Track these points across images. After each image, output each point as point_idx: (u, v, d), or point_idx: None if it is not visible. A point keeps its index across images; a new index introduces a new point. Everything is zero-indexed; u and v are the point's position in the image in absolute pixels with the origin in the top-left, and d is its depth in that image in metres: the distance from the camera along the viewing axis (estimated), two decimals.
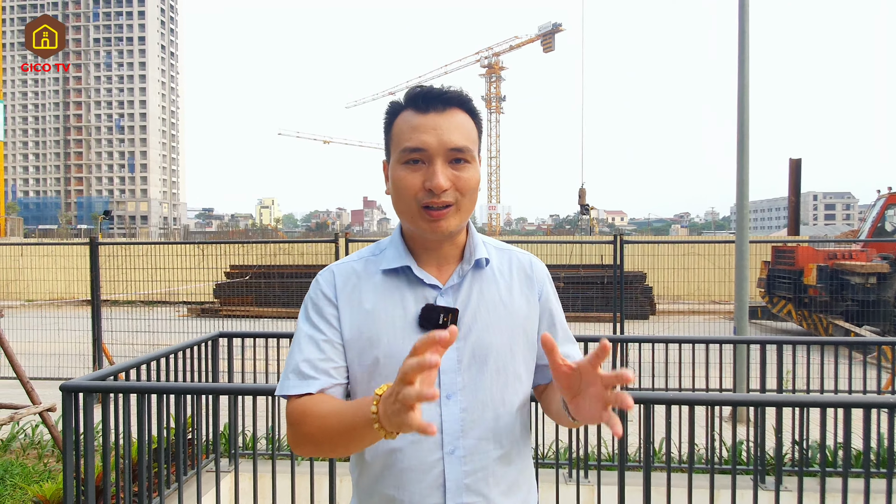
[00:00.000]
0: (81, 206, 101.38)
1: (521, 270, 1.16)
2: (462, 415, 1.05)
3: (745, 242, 5.30)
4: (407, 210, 1.06)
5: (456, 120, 1.05)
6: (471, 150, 1.05)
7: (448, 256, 1.11)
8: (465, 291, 1.10)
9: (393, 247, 1.13)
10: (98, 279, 5.96)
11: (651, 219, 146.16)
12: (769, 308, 10.92)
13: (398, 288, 1.09)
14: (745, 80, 5.30)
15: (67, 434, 2.40)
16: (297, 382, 1.05)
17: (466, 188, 1.05)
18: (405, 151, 1.04)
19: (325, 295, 1.11)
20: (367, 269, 1.12)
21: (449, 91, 1.06)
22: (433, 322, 1.05)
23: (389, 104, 1.10)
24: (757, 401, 2.13)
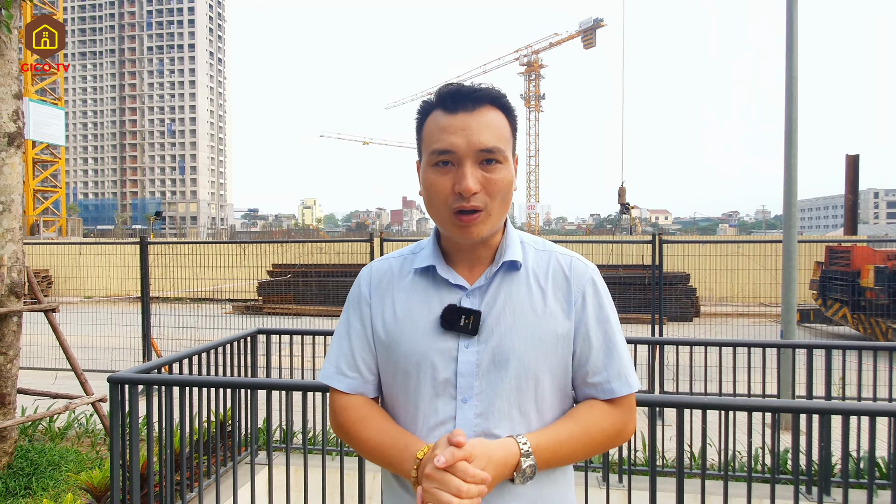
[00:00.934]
0: (136, 207, 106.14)
1: (560, 273, 1.09)
2: (476, 420, 1.03)
3: (793, 242, 5.07)
4: (438, 214, 1.05)
5: (486, 119, 1.01)
6: (502, 149, 1.01)
7: (481, 257, 1.09)
8: (491, 293, 1.06)
9: (428, 246, 1.13)
10: (147, 277, 6.22)
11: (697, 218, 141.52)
12: (822, 311, 10.40)
13: (426, 288, 1.09)
14: (794, 73, 5.07)
15: (114, 424, 2.52)
16: (334, 375, 1.12)
17: (496, 191, 1.01)
18: (434, 154, 1.02)
19: (361, 293, 1.15)
20: (403, 267, 1.14)
21: (479, 89, 1.02)
22: (454, 324, 1.03)
23: (421, 104, 1.09)
24: (797, 407, 2.04)
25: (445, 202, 1.02)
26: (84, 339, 7.06)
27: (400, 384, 1.07)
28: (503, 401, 1.03)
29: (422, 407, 1.05)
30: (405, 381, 1.06)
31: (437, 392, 1.04)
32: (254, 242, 8.37)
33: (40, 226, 28.88)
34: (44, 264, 12.96)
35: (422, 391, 1.04)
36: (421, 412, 1.05)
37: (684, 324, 11.14)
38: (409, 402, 1.06)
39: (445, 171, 1.02)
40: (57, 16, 31.09)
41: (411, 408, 1.06)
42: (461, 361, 1.03)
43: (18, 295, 3.69)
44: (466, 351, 1.04)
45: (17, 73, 3.74)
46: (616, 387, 1.06)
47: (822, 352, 3.35)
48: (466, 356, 1.03)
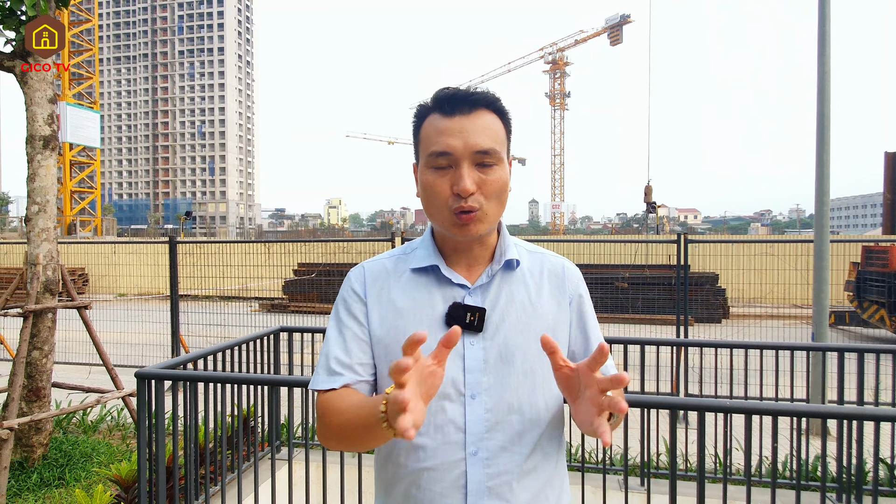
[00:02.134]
0: (168, 207, 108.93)
1: (553, 274, 1.14)
2: (486, 415, 1.04)
3: (825, 241, 4.91)
4: (438, 214, 1.07)
5: (482, 121, 1.04)
6: (497, 151, 1.04)
7: (478, 257, 1.12)
8: (493, 291, 1.09)
9: (423, 246, 1.14)
10: (176, 275, 6.38)
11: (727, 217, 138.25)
12: (858, 313, 10.06)
13: (427, 287, 1.10)
14: (826, 67, 4.91)
15: (141, 418, 2.59)
16: (326, 378, 1.08)
17: (492, 191, 1.04)
18: (432, 156, 1.04)
19: (355, 292, 1.14)
20: (398, 267, 1.14)
21: (475, 92, 1.05)
22: (460, 321, 1.05)
23: (417, 107, 1.11)
24: (822, 412, 1.97)
25: (445, 202, 1.05)
26: (116, 336, 7.28)
27: None
28: (512, 395, 1.05)
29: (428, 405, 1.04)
30: None
31: (444, 390, 1.04)
32: (278, 241, 8.50)
33: (77, 225, 29.85)
34: (80, 263, 13.42)
35: None
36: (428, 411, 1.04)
37: (712, 325, 10.90)
38: None
39: (444, 173, 1.05)
40: (92, 22, 32.10)
41: None
42: (468, 358, 1.05)
43: (53, 292, 3.83)
44: (472, 347, 1.05)
45: (52, 78, 3.87)
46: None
47: (855, 355, 3.24)
48: (473, 352, 1.05)
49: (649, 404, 2.09)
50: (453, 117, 1.04)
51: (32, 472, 3.60)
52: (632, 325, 9.51)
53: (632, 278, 11.09)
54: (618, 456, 3.69)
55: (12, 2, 3.73)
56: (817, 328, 4.89)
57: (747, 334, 9.45)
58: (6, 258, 11.61)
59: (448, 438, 1.03)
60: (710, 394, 4.16)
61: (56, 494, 3.42)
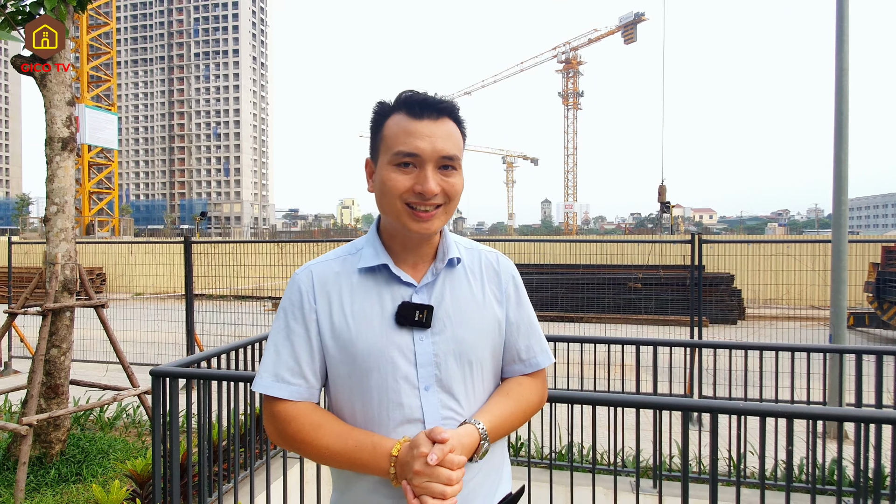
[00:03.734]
0: (184, 207, 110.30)
1: (490, 267, 1.23)
2: (440, 405, 1.11)
3: (844, 242, 4.83)
4: (392, 208, 1.11)
5: (447, 129, 1.11)
6: (459, 158, 1.12)
7: (424, 255, 1.17)
8: (438, 289, 1.15)
9: (370, 245, 1.17)
10: (191, 274, 6.46)
11: (744, 216, 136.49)
12: (878, 315, 9.88)
13: (375, 286, 1.14)
14: (844, 65, 4.83)
15: (156, 415, 2.63)
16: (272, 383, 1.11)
17: (454, 193, 1.12)
18: (399, 154, 1.09)
19: (303, 296, 1.14)
20: (345, 267, 1.16)
21: (443, 100, 1.13)
22: (409, 319, 1.11)
23: (378, 104, 1.16)
24: (838, 415, 1.94)
25: (401, 196, 1.09)
26: (132, 334, 7.39)
27: (357, 384, 1.10)
28: (460, 385, 1.13)
29: (385, 402, 1.09)
30: (364, 380, 1.09)
31: (399, 386, 1.09)
32: (291, 242, 8.58)
33: (95, 225, 30.34)
34: (97, 262, 13.64)
35: (384, 387, 1.09)
36: (385, 407, 1.09)
37: (728, 326, 10.76)
38: (370, 400, 1.09)
39: (406, 172, 1.10)
40: (110, 26, 32.61)
41: (374, 405, 1.09)
42: (419, 353, 1.11)
43: (71, 291, 3.89)
44: (422, 343, 1.12)
45: (70, 81, 3.94)
46: (541, 360, 1.24)
47: (873, 357, 3.18)
48: (423, 348, 1.11)
49: (662, 406, 2.07)
50: (422, 121, 1.09)
51: (50, 468, 3.66)
52: (645, 325, 9.44)
53: (645, 279, 10.99)
54: (630, 457, 3.66)
55: (31, 6, 3.80)
56: (835, 329, 4.82)
57: (763, 336, 9.32)
58: (26, 258, 11.84)
59: (409, 430, 1.08)
60: (724, 396, 4.12)
61: (73, 490, 3.48)
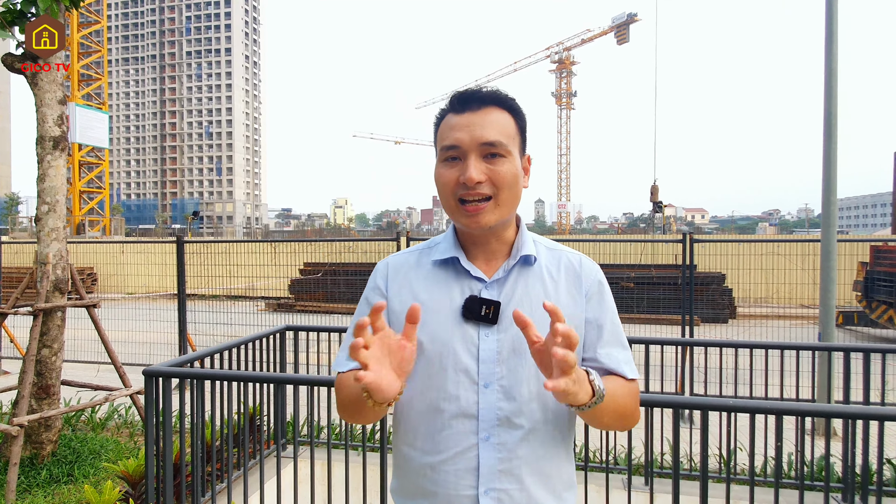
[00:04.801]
0: (176, 207, 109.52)
1: (571, 269, 1.17)
2: (499, 404, 1.09)
3: (832, 241, 4.88)
4: (447, 205, 1.12)
5: (490, 117, 1.08)
6: (504, 144, 1.08)
7: (496, 252, 1.16)
8: (509, 286, 1.13)
9: (445, 240, 1.19)
10: (184, 274, 6.43)
11: (735, 216, 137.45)
12: (867, 313, 9.99)
13: (446, 279, 1.15)
14: (834, 65, 4.88)
15: (149, 415, 2.62)
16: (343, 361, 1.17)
17: (501, 181, 1.07)
18: (443, 150, 1.11)
19: (377, 284, 1.20)
20: (420, 260, 1.19)
21: (485, 91, 1.11)
22: (475, 313, 1.09)
23: (438, 111, 1.17)
24: (825, 411, 1.97)
25: (452, 192, 1.10)
26: (124, 334, 7.34)
27: (418, 372, 1.11)
28: (524, 386, 1.09)
29: (442, 393, 1.10)
30: (426, 368, 1.11)
31: (458, 378, 1.09)
32: (284, 241, 8.56)
33: (86, 225, 30.09)
34: (89, 262, 13.53)
35: (442, 378, 1.10)
36: (441, 398, 1.10)
37: (719, 325, 10.85)
38: (428, 389, 1.11)
39: (453, 165, 1.10)
40: (101, 24, 32.35)
41: (432, 394, 1.10)
42: (482, 349, 1.10)
43: (62, 291, 3.87)
44: (486, 339, 1.10)
45: (62, 79, 3.92)
46: (626, 370, 1.13)
47: (861, 355, 3.22)
48: (487, 344, 1.10)
49: (653, 403, 2.09)
50: (463, 114, 1.09)
51: (42, 469, 3.64)
52: (637, 324, 9.49)
53: (638, 278, 11.05)
54: (622, 455, 3.69)
55: (23, 4, 3.78)
56: (824, 328, 4.87)
57: (754, 334, 9.40)
58: (17, 258, 11.74)
59: (461, 425, 1.08)
60: (714, 393, 4.16)
61: (65, 490, 3.47)
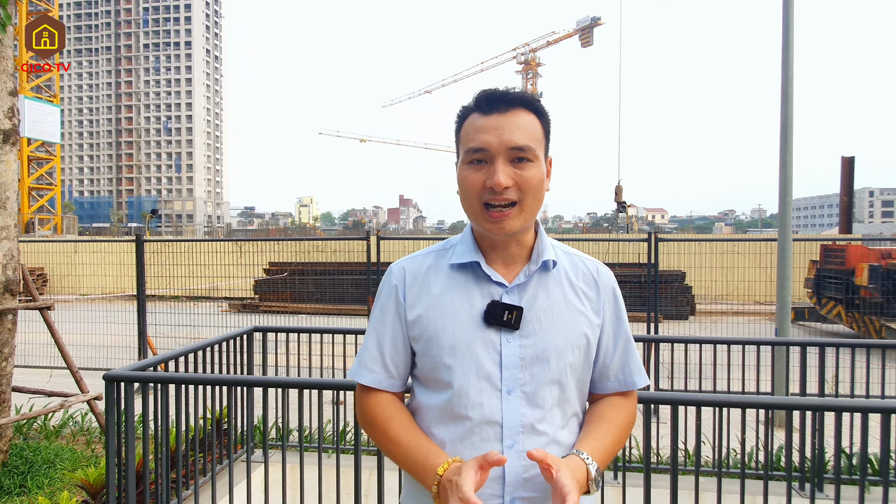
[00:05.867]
0: (132, 205, 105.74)
1: (588, 276, 1.18)
2: (522, 411, 1.08)
3: (788, 241, 5.09)
4: (471, 209, 1.10)
5: (518, 120, 1.07)
6: (533, 148, 1.07)
7: (515, 256, 1.14)
8: (530, 291, 1.12)
9: (463, 243, 1.17)
10: (143, 275, 6.21)
11: (693, 216, 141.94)
12: (817, 309, 10.46)
13: (465, 283, 1.13)
14: (790, 72, 5.09)
15: (110, 422, 2.52)
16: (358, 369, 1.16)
17: (528, 186, 1.07)
18: (469, 152, 1.08)
19: (394, 289, 1.16)
20: (438, 263, 1.17)
21: (513, 92, 1.09)
22: (498, 318, 1.08)
23: (460, 108, 1.15)
24: (790, 404, 2.05)
25: (477, 196, 1.08)
26: (79, 338, 7.04)
27: (439, 379, 1.10)
28: (546, 392, 1.09)
29: (464, 401, 1.08)
30: (446, 375, 1.09)
31: (480, 385, 1.08)
32: (251, 240, 8.36)
33: (35, 224, 28.74)
34: (39, 262, 12.90)
35: (465, 384, 1.08)
36: (463, 406, 1.08)
37: (680, 322, 11.17)
38: (450, 398, 1.09)
39: (479, 168, 1.08)
40: (52, 13, 30.92)
41: (454, 402, 1.09)
42: (505, 354, 1.09)
43: (13, 293, 3.68)
44: (509, 345, 1.09)
45: (12, 70, 3.72)
46: (637, 379, 1.18)
47: (816, 349, 3.37)
48: (509, 349, 1.09)
49: None
50: (490, 115, 1.07)
51: None
52: None
53: None
54: None
55: None
56: (780, 323, 5.07)
57: (713, 330, 9.72)
58: None
59: (485, 432, 1.07)
60: (679, 388, 4.27)
61: (17, 502, 3.30)
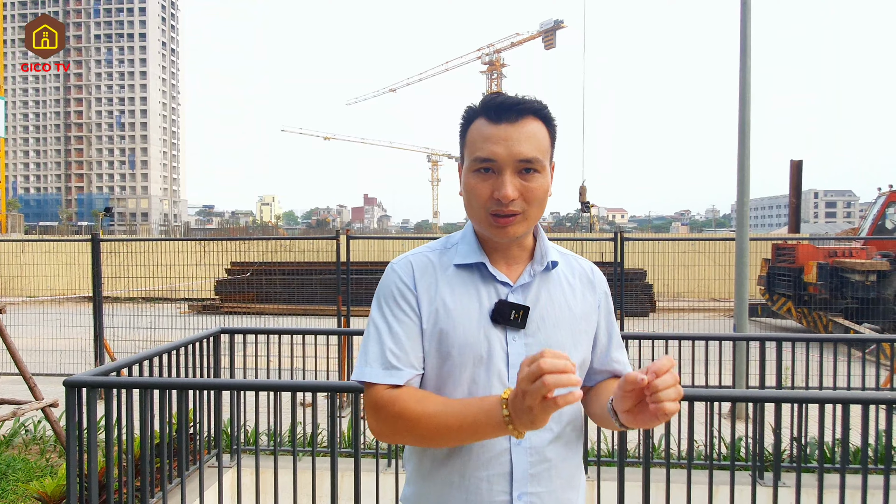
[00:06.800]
0: (82, 202, 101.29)
1: (584, 276, 1.22)
2: None
3: (746, 240, 5.31)
4: (476, 215, 1.12)
5: (528, 130, 1.08)
6: (540, 160, 1.09)
7: (516, 257, 1.17)
8: (534, 291, 1.15)
9: (465, 242, 1.17)
10: (100, 275, 5.97)
11: (651, 216, 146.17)
12: (769, 306, 10.92)
13: (472, 283, 1.14)
14: (747, 78, 5.30)
15: (70, 429, 2.41)
16: (383, 372, 1.08)
17: (534, 198, 1.09)
18: (476, 160, 1.09)
19: (405, 284, 1.14)
20: (442, 261, 1.16)
21: (523, 101, 1.09)
22: (505, 317, 1.10)
23: (466, 109, 1.15)
24: (755, 397, 2.14)
25: (484, 205, 1.10)
26: (30, 342, 6.70)
27: (449, 376, 1.10)
28: None
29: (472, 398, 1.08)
30: (458, 372, 1.10)
31: (491, 382, 1.09)
32: (214, 240, 8.14)
33: None
34: None
35: (475, 381, 1.09)
36: None
37: (641, 319, 11.48)
38: (459, 393, 1.10)
39: (486, 178, 1.09)
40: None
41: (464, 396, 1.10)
42: (511, 353, 1.11)
43: None
44: (515, 343, 1.12)
45: None
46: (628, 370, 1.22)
47: (773, 344, 3.53)
48: (516, 348, 1.11)
49: None
50: (500, 125, 1.07)
51: None
52: None
53: None
54: None
55: None
56: (739, 319, 5.28)
57: (673, 327, 10.04)
58: None
59: None
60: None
61: None
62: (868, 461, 2.25)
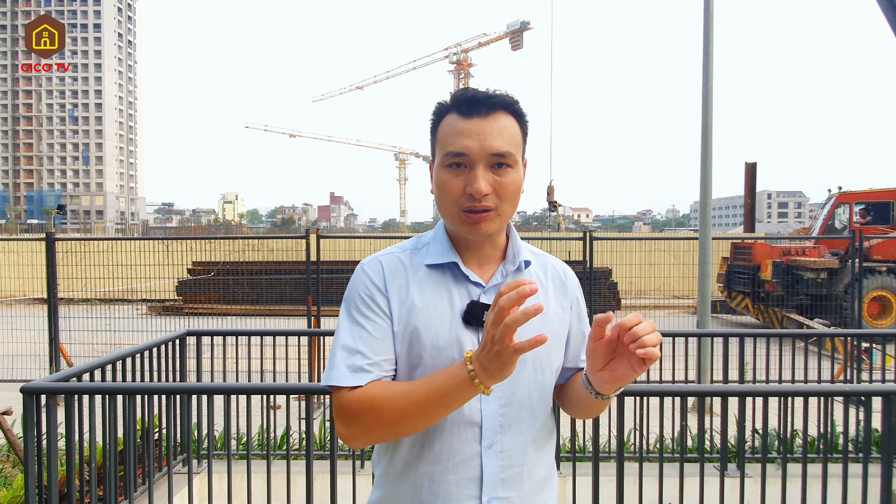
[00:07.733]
0: (32, 199, 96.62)
1: (557, 277, 1.21)
2: (501, 411, 1.08)
3: (708, 240, 5.48)
4: (448, 212, 1.10)
5: (499, 124, 1.06)
6: (513, 154, 1.07)
7: (488, 256, 1.15)
8: None
9: (437, 242, 1.15)
10: (55, 276, 5.72)
11: (615, 216, 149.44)
12: (728, 302, 11.31)
13: (444, 283, 1.11)
14: (710, 82, 5.47)
15: (29, 438, 2.31)
16: (351, 375, 1.04)
17: (506, 193, 1.07)
18: (448, 156, 1.07)
19: (375, 285, 1.11)
20: (413, 261, 1.14)
21: (494, 95, 1.07)
22: (477, 318, 1.08)
23: (436, 105, 1.13)
24: (727, 391, 2.22)
25: (456, 202, 1.07)
26: None
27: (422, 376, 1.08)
28: (523, 391, 1.10)
29: None
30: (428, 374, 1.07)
31: None
32: (177, 239, 7.89)
33: None
34: None
35: None
36: None
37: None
38: None
39: (458, 173, 1.07)
40: None
41: None
42: None
43: None
44: None
45: None
46: None
47: (736, 340, 3.66)
48: None
49: None
50: (471, 119, 1.06)
51: None
52: None
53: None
54: None
55: None
56: (701, 316, 5.45)
57: None
58: None
59: (464, 433, 1.06)
60: None
61: None
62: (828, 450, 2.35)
